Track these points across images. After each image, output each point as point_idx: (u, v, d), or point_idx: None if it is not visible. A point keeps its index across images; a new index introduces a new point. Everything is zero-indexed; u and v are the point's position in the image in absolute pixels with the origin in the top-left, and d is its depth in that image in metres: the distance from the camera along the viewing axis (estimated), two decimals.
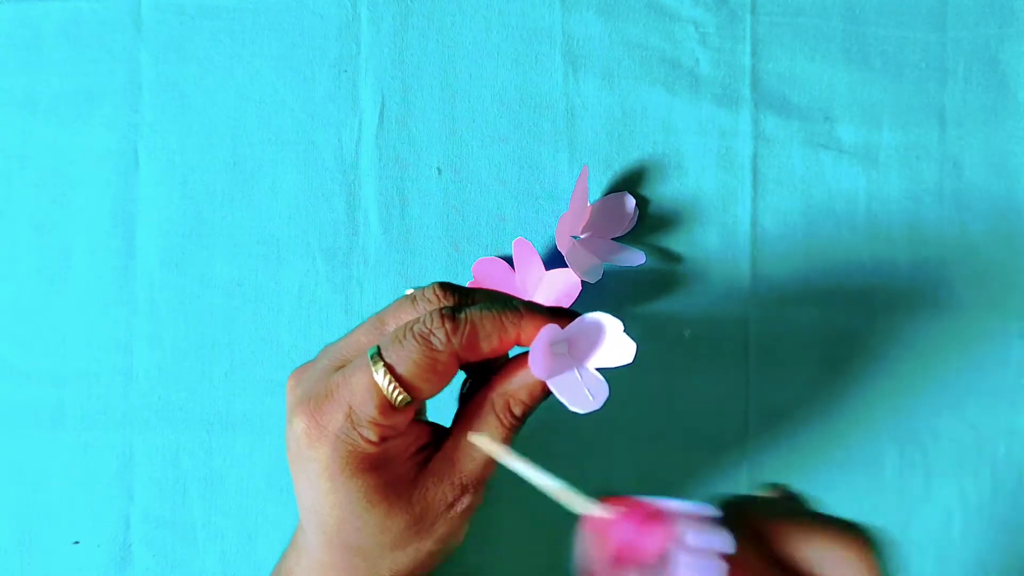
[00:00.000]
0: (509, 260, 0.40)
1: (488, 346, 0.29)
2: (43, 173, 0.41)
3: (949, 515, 0.42)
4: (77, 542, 0.41)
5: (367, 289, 0.41)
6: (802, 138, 0.42)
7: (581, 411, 0.29)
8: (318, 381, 0.30)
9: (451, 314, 0.29)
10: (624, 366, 0.32)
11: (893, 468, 0.42)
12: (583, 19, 0.41)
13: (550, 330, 0.29)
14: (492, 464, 0.30)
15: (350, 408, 0.29)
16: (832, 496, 0.40)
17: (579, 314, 0.30)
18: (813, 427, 0.41)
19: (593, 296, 0.41)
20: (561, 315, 0.30)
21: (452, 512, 0.30)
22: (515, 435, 0.31)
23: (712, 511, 0.27)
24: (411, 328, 0.29)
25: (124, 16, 0.41)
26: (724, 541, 0.26)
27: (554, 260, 0.41)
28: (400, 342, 0.29)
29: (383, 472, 0.29)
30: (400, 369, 0.28)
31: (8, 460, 0.41)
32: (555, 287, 0.40)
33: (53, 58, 0.41)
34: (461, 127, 0.41)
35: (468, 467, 0.30)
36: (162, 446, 0.41)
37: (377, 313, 0.31)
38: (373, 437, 0.29)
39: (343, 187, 0.41)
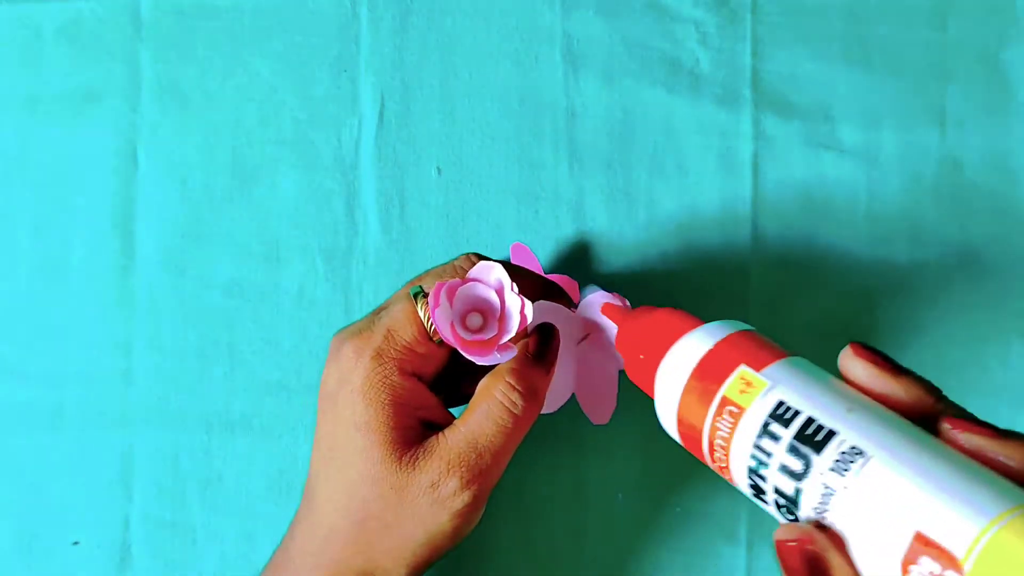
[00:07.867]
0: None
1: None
2: (43, 173, 0.41)
3: None
4: (77, 542, 0.41)
5: (367, 289, 0.41)
6: (802, 138, 0.42)
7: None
8: (361, 322, 0.32)
9: (480, 255, 0.33)
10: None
11: None
12: (583, 19, 0.41)
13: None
14: (490, 458, 0.30)
15: (389, 331, 0.31)
16: None
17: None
18: None
19: None
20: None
21: (436, 495, 0.30)
22: (533, 418, 0.32)
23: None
24: (447, 266, 0.33)
25: (124, 16, 0.41)
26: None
27: (554, 262, 0.41)
28: (439, 277, 0.32)
29: (401, 416, 0.31)
30: None
31: (8, 460, 0.41)
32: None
33: (53, 58, 0.41)
34: (461, 127, 0.41)
35: (459, 449, 0.30)
36: (162, 446, 0.41)
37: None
38: (407, 366, 0.31)
39: (343, 187, 0.41)
